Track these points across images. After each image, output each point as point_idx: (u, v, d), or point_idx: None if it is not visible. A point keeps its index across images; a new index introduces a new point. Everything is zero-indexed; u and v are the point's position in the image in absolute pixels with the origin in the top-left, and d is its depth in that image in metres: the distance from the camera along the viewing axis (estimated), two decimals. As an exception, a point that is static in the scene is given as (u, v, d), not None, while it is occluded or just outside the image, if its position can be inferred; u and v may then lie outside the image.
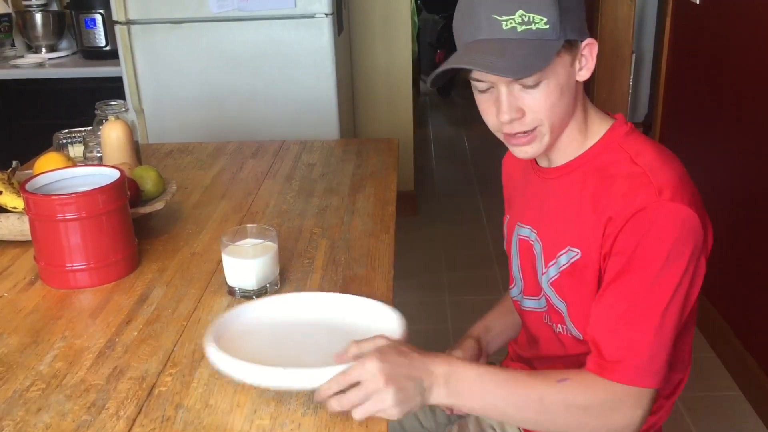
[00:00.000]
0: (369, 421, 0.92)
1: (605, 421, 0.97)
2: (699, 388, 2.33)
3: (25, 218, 1.36)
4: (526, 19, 0.96)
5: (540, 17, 0.96)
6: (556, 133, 1.06)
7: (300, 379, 0.92)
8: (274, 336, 1.07)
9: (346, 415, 0.92)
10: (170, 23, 2.72)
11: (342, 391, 0.90)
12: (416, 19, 5.02)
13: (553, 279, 1.11)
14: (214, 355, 0.97)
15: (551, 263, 1.11)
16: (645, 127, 4.62)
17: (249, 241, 1.24)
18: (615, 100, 4.19)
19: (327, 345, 1.01)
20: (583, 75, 1.04)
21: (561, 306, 1.12)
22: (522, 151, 1.07)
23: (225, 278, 1.24)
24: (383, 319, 1.07)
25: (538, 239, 1.14)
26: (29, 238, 1.32)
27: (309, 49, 2.71)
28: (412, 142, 3.62)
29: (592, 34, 4.19)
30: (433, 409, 1.36)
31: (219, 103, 2.78)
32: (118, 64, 2.81)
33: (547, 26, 0.96)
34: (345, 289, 1.24)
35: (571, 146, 1.09)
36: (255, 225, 1.27)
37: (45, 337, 1.14)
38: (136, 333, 1.14)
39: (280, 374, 0.92)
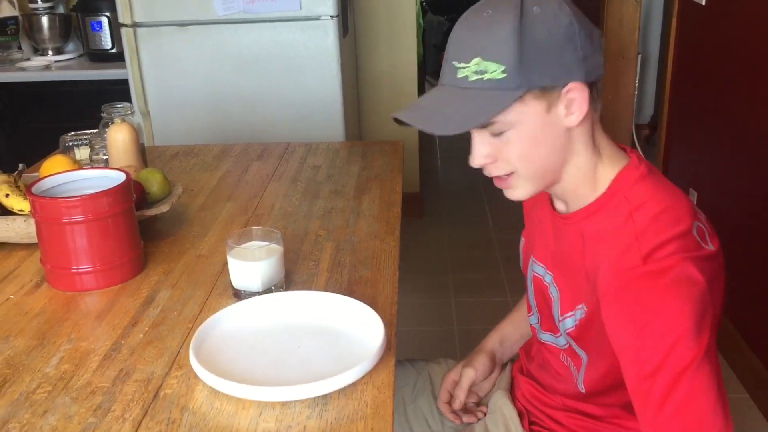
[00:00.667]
0: (374, 424, 0.92)
1: None
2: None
3: (32, 221, 1.36)
4: (480, 68, 0.92)
5: (495, 65, 0.91)
6: (543, 181, 1.01)
7: (270, 394, 0.97)
8: (255, 339, 1.11)
9: (350, 419, 0.92)
10: (176, 26, 2.73)
11: None
12: (421, 21, 5.02)
13: (570, 330, 1.09)
14: (195, 365, 1.02)
15: (568, 315, 1.07)
16: (651, 129, 4.62)
17: (254, 244, 1.24)
18: (620, 102, 4.18)
19: (307, 347, 1.07)
20: (573, 120, 0.96)
21: (582, 354, 1.10)
22: (508, 193, 1.03)
23: (230, 280, 1.24)
24: (365, 322, 1.11)
25: (554, 284, 1.11)
26: (35, 240, 1.33)
27: (314, 51, 2.72)
28: (418, 144, 3.61)
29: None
30: (440, 412, 1.36)
31: (224, 106, 2.79)
32: (124, 67, 2.82)
33: (504, 74, 0.91)
34: (350, 291, 1.24)
35: (580, 194, 1.03)
36: (260, 227, 1.27)
37: (51, 340, 1.14)
38: (141, 335, 1.15)
39: (251, 391, 0.97)
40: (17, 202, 1.41)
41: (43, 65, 3.27)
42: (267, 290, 1.22)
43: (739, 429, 2.16)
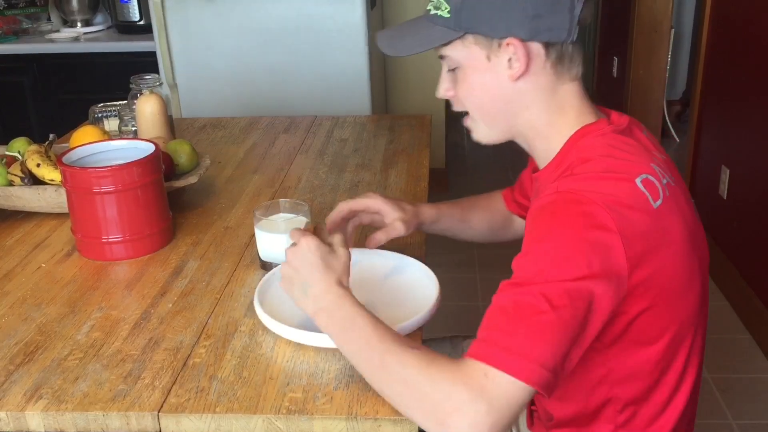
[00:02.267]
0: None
1: (434, 406, 0.83)
2: (733, 369, 2.30)
3: (62, 191, 1.38)
4: (436, 5, 1.00)
5: (446, 5, 0.99)
6: (496, 128, 1.04)
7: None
8: None
9: (377, 391, 0.92)
10: (204, -3, 2.72)
11: None
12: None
13: None
14: (260, 313, 1.08)
15: None
16: (682, 105, 4.54)
17: (281, 216, 1.24)
18: (652, 77, 4.12)
19: (367, 298, 1.07)
20: (513, 74, 0.98)
21: None
22: (472, 135, 1.08)
23: (257, 252, 1.25)
24: (421, 278, 1.19)
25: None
26: (66, 210, 1.34)
27: (341, 24, 2.70)
28: (445, 119, 3.59)
29: (628, 8, 4.06)
30: None
31: (252, 78, 2.78)
32: (152, 39, 2.83)
33: (449, 15, 0.98)
34: (377, 264, 1.25)
35: (538, 148, 1.05)
36: (287, 199, 1.28)
37: (82, 308, 1.16)
38: (170, 305, 1.16)
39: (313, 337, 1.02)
40: (48, 172, 1.42)
41: (72, 37, 3.29)
42: None
43: (742, 368, 2.12)
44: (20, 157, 1.48)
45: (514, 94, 1.01)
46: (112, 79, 2.52)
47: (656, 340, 0.97)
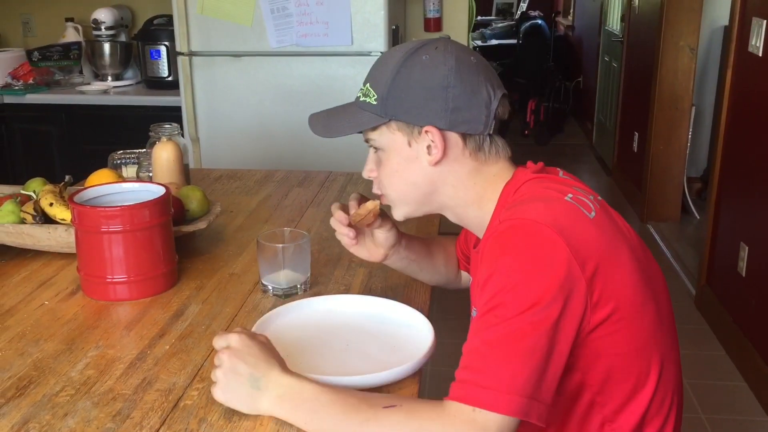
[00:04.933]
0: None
1: None
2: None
3: (72, 230, 1.39)
4: (365, 92, 1.07)
5: (373, 92, 1.05)
6: (412, 206, 1.11)
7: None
8: (310, 337, 1.16)
9: (368, 440, 0.90)
10: (230, 56, 2.80)
11: None
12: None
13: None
14: None
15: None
16: (703, 183, 4.53)
17: (283, 243, 1.31)
18: (672, 154, 4.12)
19: (359, 347, 1.12)
20: (431, 160, 1.05)
21: None
22: (391, 213, 1.15)
23: (259, 277, 1.32)
24: (415, 326, 1.17)
25: (474, 308, 1.12)
26: (75, 250, 1.35)
27: (361, 86, 2.74)
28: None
29: (649, 83, 4.08)
30: None
31: (272, 135, 2.83)
32: (179, 94, 2.90)
33: (376, 102, 1.05)
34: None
35: (476, 221, 1.10)
36: (289, 229, 1.36)
37: (79, 345, 1.15)
38: (168, 346, 1.15)
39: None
40: (60, 212, 1.44)
41: (102, 90, 3.38)
42: (292, 287, 1.31)
43: (737, 416, 2.01)
44: (35, 197, 1.50)
45: (434, 175, 1.07)
46: (137, 131, 2.56)
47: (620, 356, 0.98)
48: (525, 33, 6.39)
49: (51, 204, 1.45)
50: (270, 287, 1.31)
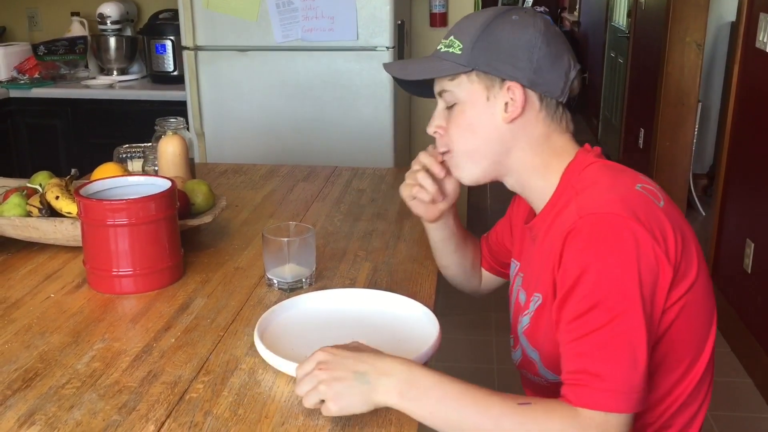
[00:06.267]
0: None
1: None
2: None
3: (78, 224, 1.39)
4: (449, 43, 1.07)
5: (458, 42, 1.06)
6: (481, 166, 1.09)
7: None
8: (316, 330, 1.16)
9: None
10: (236, 50, 2.79)
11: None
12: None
13: (525, 328, 1.10)
14: (259, 346, 1.07)
15: (526, 311, 1.10)
16: (709, 179, 4.51)
17: (288, 237, 1.31)
18: (678, 150, 4.11)
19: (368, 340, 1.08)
20: (506, 117, 1.05)
21: (534, 355, 1.10)
22: (454, 173, 1.14)
23: (264, 271, 1.33)
24: (420, 321, 1.17)
25: (523, 290, 1.14)
26: (81, 243, 1.35)
27: (369, 81, 2.74)
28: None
29: (656, 80, 4.06)
30: None
31: (277, 130, 2.83)
32: (184, 89, 2.90)
33: (460, 51, 1.05)
34: (384, 311, 1.24)
35: (534, 186, 1.09)
36: (294, 223, 1.36)
37: (85, 338, 1.15)
38: (173, 340, 1.15)
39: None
40: (66, 205, 1.44)
41: (107, 84, 3.38)
42: (297, 281, 1.31)
43: (742, 413, 2.01)
44: (41, 190, 1.51)
45: (506, 134, 1.07)
46: (142, 125, 2.57)
47: (679, 364, 1.01)
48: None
49: (57, 197, 1.45)
50: (275, 281, 1.31)
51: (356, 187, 1.92)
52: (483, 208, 4.49)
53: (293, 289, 1.30)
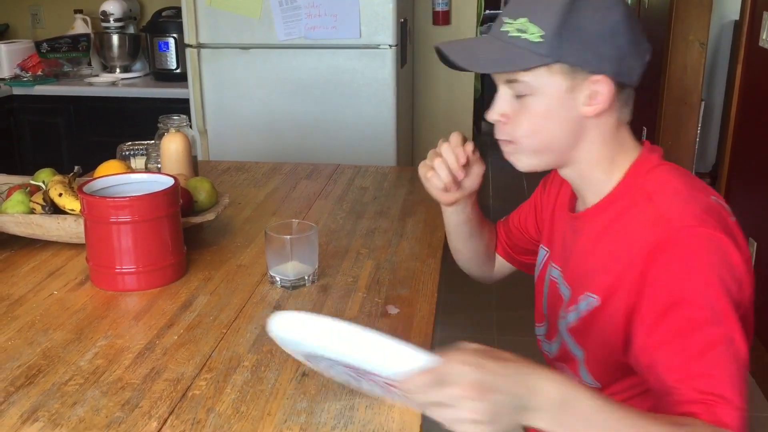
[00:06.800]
0: (399, 439, 0.89)
1: None
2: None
3: (81, 221, 1.39)
4: (522, 27, 0.96)
5: (536, 29, 0.95)
6: (545, 157, 1.02)
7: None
8: None
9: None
10: (238, 48, 2.80)
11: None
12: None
13: (571, 325, 1.07)
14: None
15: (572, 308, 1.07)
16: (712, 178, 4.51)
17: (290, 235, 1.31)
18: (681, 149, 4.10)
19: None
20: (590, 111, 0.98)
21: (578, 353, 1.08)
22: (513, 162, 1.05)
23: (267, 268, 1.33)
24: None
25: (565, 283, 1.11)
26: (84, 240, 1.35)
27: (371, 79, 2.75)
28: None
29: (658, 78, 4.05)
30: None
31: (280, 127, 2.83)
32: (187, 86, 2.90)
33: (541, 39, 0.95)
34: (386, 308, 1.24)
35: (594, 179, 1.04)
36: (297, 220, 1.36)
37: (88, 335, 1.15)
38: (176, 337, 1.15)
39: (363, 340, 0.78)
40: (69, 202, 1.44)
41: (110, 82, 3.39)
42: (299, 279, 1.31)
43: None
44: (44, 187, 1.51)
45: (580, 127, 1.00)
46: (145, 123, 2.57)
47: None
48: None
49: (60, 194, 1.45)
50: (278, 279, 1.31)
51: (359, 185, 1.92)
52: (485, 206, 4.49)
53: (296, 286, 1.31)
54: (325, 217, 1.68)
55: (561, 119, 0.99)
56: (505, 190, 4.79)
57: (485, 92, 5.72)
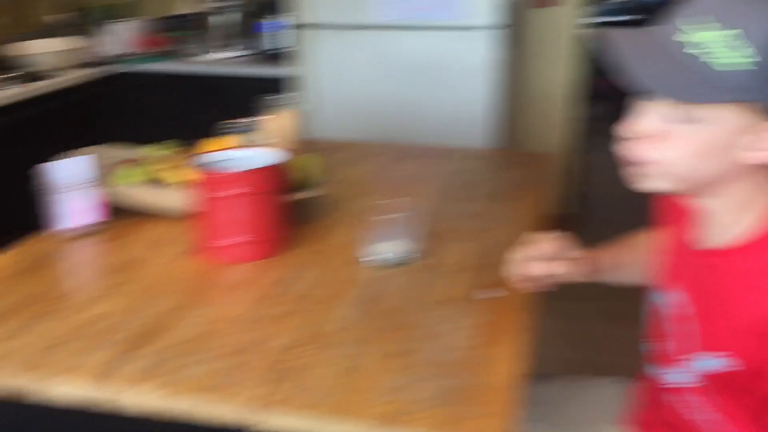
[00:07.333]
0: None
1: None
2: None
3: (186, 193, 1.42)
4: (727, 39, 0.76)
5: (750, 48, 0.74)
6: (683, 185, 0.89)
7: None
8: None
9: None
10: (340, 29, 2.81)
11: None
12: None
13: (709, 373, 0.98)
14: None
15: (708, 356, 0.96)
16: None
17: (392, 214, 1.31)
18: None
19: None
20: (749, 157, 0.83)
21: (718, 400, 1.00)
22: (641, 181, 0.91)
23: (370, 249, 1.32)
24: None
25: (698, 320, 0.99)
26: (188, 213, 1.38)
27: (470, 61, 2.71)
28: (575, 164, 3.51)
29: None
30: None
31: (379, 107, 2.83)
32: (288, 66, 2.94)
33: (752, 67, 0.75)
34: (494, 287, 1.23)
35: (726, 219, 0.91)
36: (399, 199, 1.34)
37: (191, 304, 1.19)
38: (274, 309, 1.17)
39: None
40: (173, 175, 1.48)
41: (215, 60, 3.46)
42: (400, 259, 1.31)
43: None
44: (150, 161, 1.55)
45: (737, 167, 0.86)
46: (249, 101, 2.62)
47: None
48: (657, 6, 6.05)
49: (165, 168, 1.49)
50: (378, 257, 1.31)
51: (461, 168, 1.89)
52: (586, 194, 4.35)
53: (398, 265, 1.30)
54: (428, 198, 1.66)
55: (717, 157, 0.84)
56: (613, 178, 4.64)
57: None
